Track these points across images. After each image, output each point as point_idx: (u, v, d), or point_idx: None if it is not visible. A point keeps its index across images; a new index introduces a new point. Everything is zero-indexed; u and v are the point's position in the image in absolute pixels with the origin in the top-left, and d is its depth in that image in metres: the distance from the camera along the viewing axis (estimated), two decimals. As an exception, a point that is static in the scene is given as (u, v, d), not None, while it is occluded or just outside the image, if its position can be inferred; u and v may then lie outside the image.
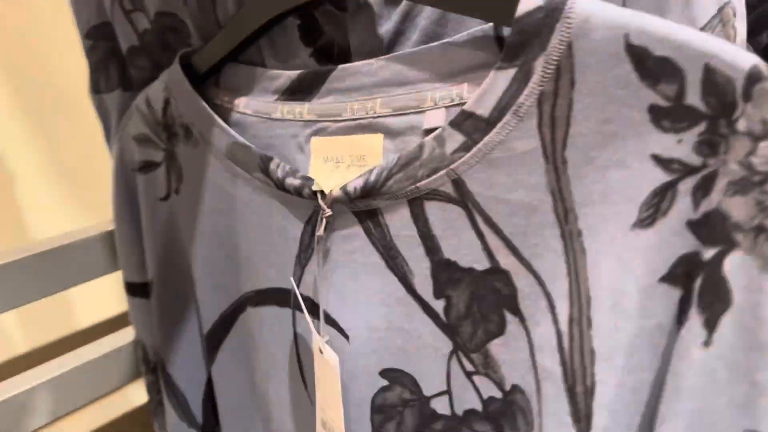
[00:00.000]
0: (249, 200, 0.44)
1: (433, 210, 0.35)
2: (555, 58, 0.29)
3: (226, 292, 0.49)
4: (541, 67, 0.29)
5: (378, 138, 0.38)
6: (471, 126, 0.32)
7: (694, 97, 0.26)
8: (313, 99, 0.41)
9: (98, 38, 0.51)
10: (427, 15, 0.37)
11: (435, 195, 0.34)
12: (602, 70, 0.28)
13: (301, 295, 0.42)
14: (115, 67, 0.52)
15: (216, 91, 0.47)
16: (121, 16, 0.49)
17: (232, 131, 0.44)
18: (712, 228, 0.26)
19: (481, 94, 0.31)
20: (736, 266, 0.25)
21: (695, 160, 0.26)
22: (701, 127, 0.26)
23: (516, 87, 0.30)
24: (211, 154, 0.46)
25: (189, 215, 0.49)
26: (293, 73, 0.42)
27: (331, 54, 0.41)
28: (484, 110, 0.31)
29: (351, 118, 0.39)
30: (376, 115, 0.38)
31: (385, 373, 0.39)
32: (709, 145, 0.26)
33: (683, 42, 0.26)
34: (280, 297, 0.44)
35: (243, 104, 0.45)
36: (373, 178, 0.36)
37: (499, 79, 0.31)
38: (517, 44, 0.30)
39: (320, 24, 0.41)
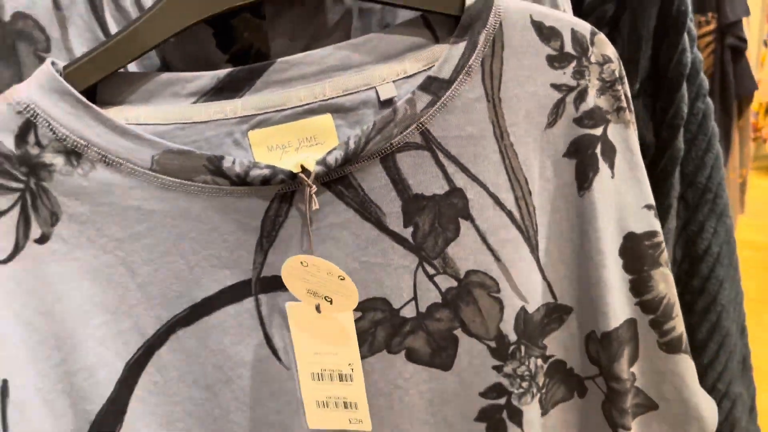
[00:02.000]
0: (184, 210, 0.43)
1: (404, 159, 0.45)
2: (492, 31, 0.44)
3: (137, 331, 0.44)
4: (483, 38, 0.44)
5: (327, 118, 0.45)
6: (436, 87, 0.44)
7: (569, 47, 0.46)
8: (245, 95, 0.44)
9: None
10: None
11: (406, 146, 0.45)
12: (519, 37, 0.45)
13: (266, 277, 0.45)
14: None
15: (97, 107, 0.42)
16: None
17: (160, 140, 0.41)
18: (597, 117, 0.47)
19: (441, 63, 0.44)
20: (612, 131, 0.47)
21: (572, 82, 0.46)
22: (574, 63, 0.46)
23: (468, 54, 0.44)
24: (122, 174, 0.41)
25: (74, 260, 0.42)
26: (220, 72, 0.43)
27: (247, 59, 0.44)
28: (445, 74, 0.44)
29: (298, 105, 0.44)
30: (326, 98, 0.44)
31: (358, 306, 0.47)
32: (579, 73, 0.46)
33: (559, 18, 0.45)
34: (236, 293, 0.45)
35: (144, 115, 0.42)
36: (352, 145, 0.43)
37: (453, 51, 0.44)
38: (466, 25, 0.44)
39: (237, 31, 0.43)
